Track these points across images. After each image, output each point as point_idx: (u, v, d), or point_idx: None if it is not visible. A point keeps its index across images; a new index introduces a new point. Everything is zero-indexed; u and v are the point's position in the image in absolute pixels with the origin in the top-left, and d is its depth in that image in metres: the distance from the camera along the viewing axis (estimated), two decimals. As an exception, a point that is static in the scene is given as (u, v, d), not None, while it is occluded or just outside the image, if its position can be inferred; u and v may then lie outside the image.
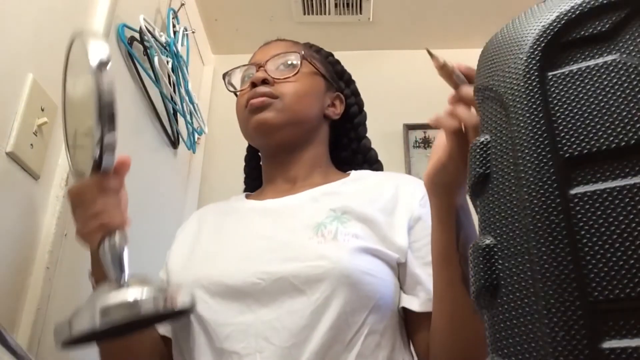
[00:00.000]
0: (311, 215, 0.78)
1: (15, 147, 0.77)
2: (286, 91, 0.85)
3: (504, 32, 0.43)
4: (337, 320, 0.67)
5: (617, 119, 0.34)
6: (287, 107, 0.84)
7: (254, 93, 0.85)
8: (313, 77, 0.91)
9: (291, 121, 0.85)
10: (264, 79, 0.86)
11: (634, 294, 0.30)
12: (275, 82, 0.86)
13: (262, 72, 0.87)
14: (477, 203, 0.40)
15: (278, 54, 0.90)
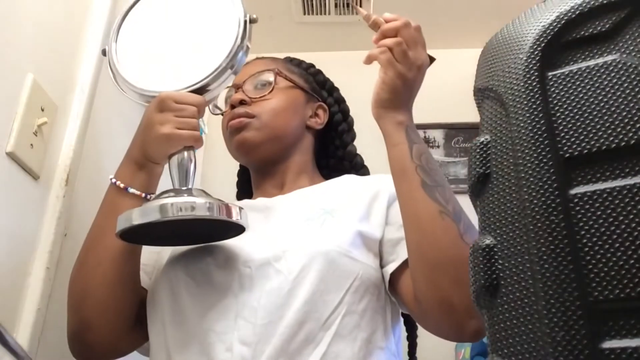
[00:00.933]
0: (302, 211, 0.81)
1: (15, 147, 0.77)
2: (262, 109, 0.89)
3: (504, 32, 0.43)
4: (312, 297, 0.69)
5: (617, 119, 0.34)
6: (265, 124, 0.88)
7: (232, 114, 0.89)
8: (289, 91, 0.94)
9: (270, 137, 0.89)
10: (241, 99, 0.89)
11: (634, 294, 0.30)
12: (253, 101, 0.90)
13: (240, 93, 0.90)
14: (477, 203, 0.40)
15: (254, 73, 0.93)
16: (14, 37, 0.80)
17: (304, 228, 0.77)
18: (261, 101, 0.89)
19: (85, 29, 1.03)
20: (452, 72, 1.94)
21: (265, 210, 0.85)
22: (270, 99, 0.90)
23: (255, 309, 0.70)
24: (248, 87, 0.92)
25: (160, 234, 0.71)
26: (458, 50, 2.01)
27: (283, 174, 0.92)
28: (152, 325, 0.77)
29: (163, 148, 0.73)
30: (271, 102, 0.90)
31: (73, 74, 0.98)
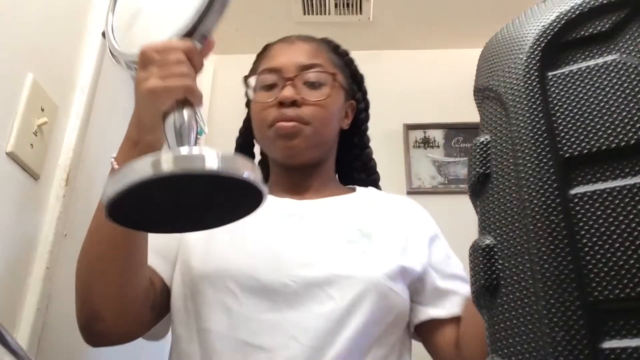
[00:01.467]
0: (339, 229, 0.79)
1: (15, 147, 0.77)
2: (314, 116, 0.83)
3: (504, 32, 0.43)
4: (361, 329, 0.70)
5: (617, 119, 0.34)
6: (315, 132, 0.83)
7: (284, 116, 0.82)
8: (338, 94, 0.89)
9: (316, 145, 0.85)
10: (294, 100, 0.82)
11: (634, 294, 0.30)
12: (304, 103, 0.83)
13: (291, 91, 0.82)
14: (477, 203, 0.40)
15: (306, 66, 0.85)
16: (14, 37, 0.80)
17: (347, 252, 0.76)
18: (313, 105, 0.83)
19: (85, 29, 1.03)
20: (452, 72, 1.94)
21: (296, 214, 0.82)
22: (323, 105, 0.84)
23: (305, 330, 0.69)
24: (298, 82, 0.84)
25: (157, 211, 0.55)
26: (458, 50, 2.02)
27: (309, 181, 0.89)
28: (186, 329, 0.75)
29: (151, 108, 0.60)
30: (324, 110, 0.84)
31: (73, 74, 0.98)
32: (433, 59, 2.02)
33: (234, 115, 2.04)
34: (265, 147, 0.90)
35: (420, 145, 1.88)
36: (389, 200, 0.89)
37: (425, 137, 1.88)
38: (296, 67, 0.85)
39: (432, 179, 1.83)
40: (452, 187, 1.82)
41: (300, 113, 0.82)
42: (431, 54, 2.03)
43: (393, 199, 0.91)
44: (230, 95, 2.30)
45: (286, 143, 0.82)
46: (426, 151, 1.87)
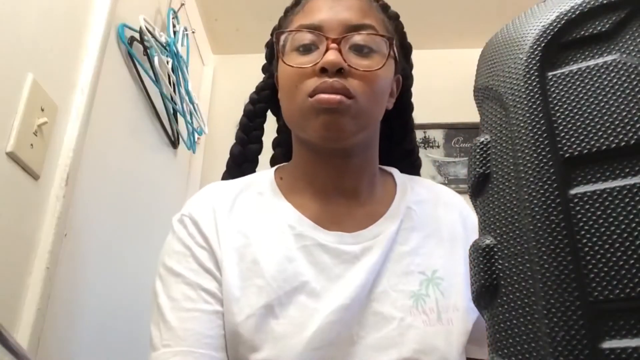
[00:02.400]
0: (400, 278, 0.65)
1: (15, 147, 0.77)
2: (364, 91, 0.66)
3: (503, 32, 0.43)
4: None
5: (617, 119, 0.34)
6: (362, 111, 0.67)
7: (329, 87, 0.64)
8: (389, 65, 0.71)
9: (363, 126, 0.68)
10: (341, 67, 0.65)
11: (634, 294, 0.30)
12: (352, 71, 0.66)
13: (336, 55, 0.65)
14: (477, 203, 0.40)
15: (355, 25, 0.68)
16: (14, 37, 0.80)
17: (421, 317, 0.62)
18: (362, 76, 0.66)
19: (85, 29, 1.03)
20: (452, 72, 1.94)
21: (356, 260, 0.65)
22: (374, 78, 0.67)
23: None
24: (344, 47, 0.67)
25: None
26: (458, 50, 2.01)
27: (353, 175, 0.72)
28: None
29: None
30: (375, 84, 0.67)
31: (73, 74, 0.98)
32: (433, 59, 2.02)
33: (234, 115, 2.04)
34: (297, 124, 0.70)
35: (420, 145, 1.88)
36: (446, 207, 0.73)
37: (425, 137, 1.88)
38: (343, 26, 0.67)
39: (432, 179, 1.83)
40: (452, 187, 1.82)
41: (347, 84, 0.65)
42: (431, 54, 2.03)
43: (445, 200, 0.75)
44: (230, 95, 2.30)
45: (329, 118, 0.65)
46: (426, 151, 1.87)
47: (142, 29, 1.24)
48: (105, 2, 1.07)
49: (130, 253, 1.27)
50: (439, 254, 0.67)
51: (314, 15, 0.69)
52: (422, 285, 0.64)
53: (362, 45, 0.68)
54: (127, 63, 1.24)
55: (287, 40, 0.70)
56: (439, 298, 0.63)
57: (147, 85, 1.33)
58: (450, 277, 0.65)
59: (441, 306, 0.62)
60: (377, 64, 0.67)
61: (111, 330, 1.15)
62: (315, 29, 0.68)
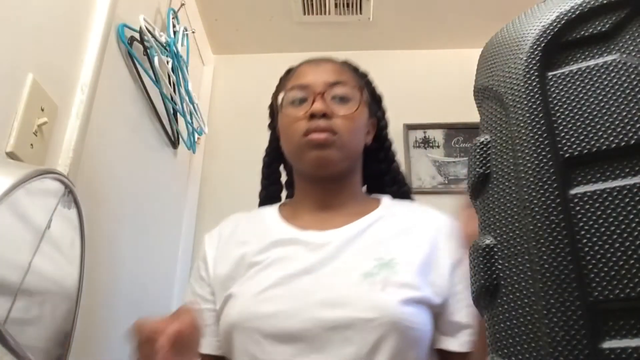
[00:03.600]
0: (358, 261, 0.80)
1: (15, 147, 0.77)
2: (344, 128, 0.87)
3: (503, 32, 0.43)
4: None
5: (617, 119, 0.34)
6: (345, 144, 0.87)
7: (317, 126, 0.86)
8: (363, 109, 0.93)
9: (346, 157, 0.89)
10: (325, 112, 0.86)
11: (634, 294, 0.30)
12: (334, 115, 0.87)
13: (322, 104, 0.87)
14: (477, 203, 0.40)
15: (333, 83, 0.90)
16: (14, 37, 0.80)
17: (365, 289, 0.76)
18: (342, 118, 0.88)
19: (85, 29, 1.03)
20: (452, 72, 1.94)
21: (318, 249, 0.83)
22: (351, 118, 0.89)
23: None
24: (328, 97, 0.89)
25: None
26: (458, 50, 2.01)
27: (337, 195, 0.92)
28: None
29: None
30: (352, 123, 0.89)
31: (73, 74, 0.98)
32: (433, 59, 2.02)
33: (234, 115, 2.04)
34: (296, 158, 0.92)
35: (420, 145, 1.88)
36: (416, 216, 0.90)
37: (425, 137, 1.88)
38: (325, 83, 0.90)
39: (432, 179, 1.83)
40: (452, 187, 1.82)
41: (330, 124, 0.86)
42: (431, 54, 2.03)
43: (420, 214, 0.91)
44: (230, 95, 2.30)
45: (319, 153, 0.86)
46: (426, 151, 1.87)
47: (142, 29, 1.25)
48: (105, 2, 1.07)
49: (130, 253, 1.27)
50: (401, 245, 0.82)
51: (303, 78, 0.92)
52: (376, 267, 0.78)
53: (340, 96, 0.90)
54: (127, 63, 1.24)
55: (284, 98, 0.93)
56: (388, 276, 0.76)
57: (147, 85, 1.33)
58: (405, 263, 0.79)
59: (387, 281, 0.76)
60: (353, 107, 0.89)
61: (110, 330, 1.15)
62: (304, 87, 0.91)
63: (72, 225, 0.67)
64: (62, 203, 0.64)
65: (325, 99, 0.88)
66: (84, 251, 0.70)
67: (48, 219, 0.61)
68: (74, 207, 0.67)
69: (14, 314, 0.53)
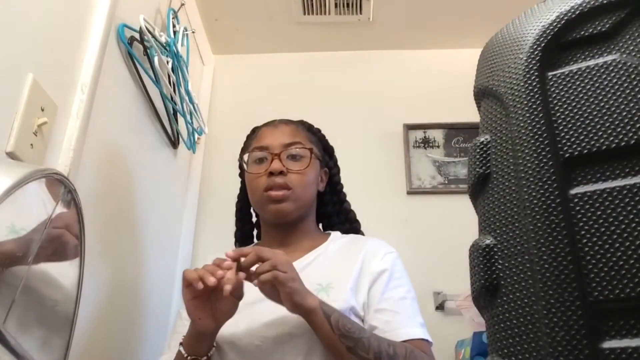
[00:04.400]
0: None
1: (15, 147, 0.77)
2: (298, 183, 1.05)
3: (504, 32, 0.43)
4: None
5: (617, 119, 0.34)
6: (298, 196, 1.05)
7: (274, 184, 1.04)
8: (314, 164, 1.10)
9: (300, 206, 1.07)
10: (281, 170, 1.04)
11: (634, 294, 0.30)
12: (288, 172, 1.05)
13: (278, 163, 1.05)
14: (477, 203, 0.40)
15: (288, 144, 1.08)
16: (14, 37, 0.80)
17: None
18: (296, 174, 1.05)
19: (85, 29, 1.03)
20: (452, 72, 1.94)
21: None
22: (303, 173, 1.06)
23: None
24: (283, 157, 1.06)
25: None
26: (458, 50, 2.01)
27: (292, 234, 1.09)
28: None
29: None
30: (304, 177, 1.06)
31: (73, 74, 0.98)
32: (433, 59, 2.02)
33: (234, 115, 2.04)
34: (258, 209, 1.12)
35: (420, 145, 1.88)
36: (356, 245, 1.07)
37: (425, 137, 1.88)
38: (280, 145, 1.07)
39: (432, 179, 1.83)
40: (452, 187, 1.81)
41: (286, 180, 1.04)
42: (431, 54, 2.03)
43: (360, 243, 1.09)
44: (230, 95, 2.30)
45: (277, 206, 1.04)
46: (426, 151, 1.87)
47: (142, 29, 1.25)
48: (105, 2, 1.06)
49: (130, 253, 1.27)
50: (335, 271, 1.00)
51: (262, 140, 1.11)
52: (315, 291, 0.90)
53: (294, 155, 1.08)
54: (127, 63, 1.24)
55: (249, 157, 1.13)
56: (324, 299, 0.89)
57: (147, 85, 1.33)
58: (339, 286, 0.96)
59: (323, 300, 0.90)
60: (304, 165, 1.07)
61: (107, 330, 1.15)
62: (263, 148, 1.09)
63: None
64: (61, 203, 0.64)
65: (281, 158, 1.06)
66: (83, 251, 0.70)
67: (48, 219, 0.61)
68: (73, 207, 0.67)
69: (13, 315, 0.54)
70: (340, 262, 1.03)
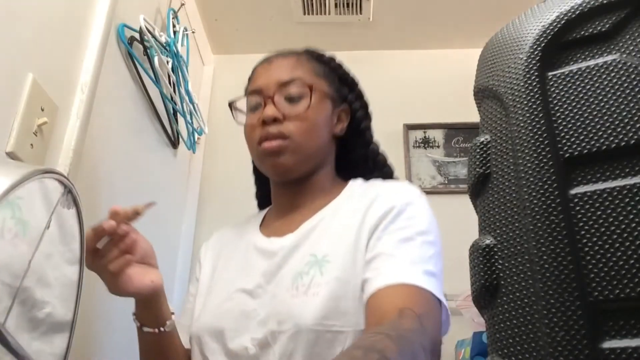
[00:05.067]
0: (296, 260, 0.78)
1: (15, 147, 0.77)
2: (297, 130, 0.84)
3: (504, 32, 0.43)
4: None
5: (617, 119, 0.34)
6: (299, 146, 0.84)
7: (267, 134, 0.83)
8: (321, 103, 0.88)
9: (304, 158, 0.85)
10: (275, 117, 0.83)
11: (634, 294, 0.30)
12: (285, 117, 0.84)
13: (272, 109, 0.84)
14: (477, 203, 0.40)
15: (285, 82, 0.86)
16: (14, 37, 0.80)
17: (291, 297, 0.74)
18: (294, 119, 0.84)
19: (85, 29, 1.03)
20: (452, 72, 1.94)
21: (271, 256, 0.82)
22: (304, 117, 0.84)
23: None
24: (278, 99, 0.85)
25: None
26: (458, 50, 2.01)
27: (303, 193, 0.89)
28: None
29: None
30: (306, 123, 0.85)
31: (73, 74, 0.98)
32: (433, 59, 2.02)
33: (234, 115, 2.03)
34: (258, 166, 0.92)
35: (420, 145, 1.88)
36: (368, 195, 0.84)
37: (425, 137, 1.88)
38: (275, 84, 0.86)
39: (432, 179, 1.83)
40: (452, 187, 1.81)
41: (282, 129, 0.83)
42: (431, 54, 2.03)
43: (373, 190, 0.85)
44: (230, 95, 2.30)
45: (273, 161, 0.84)
46: (426, 151, 1.87)
47: (142, 29, 1.25)
48: (105, 2, 1.07)
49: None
50: (333, 241, 0.78)
51: (256, 81, 0.90)
52: (308, 265, 0.76)
53: (293, 95, 0.86)
54: (127, 63, 1.24)
55: (247, 104, 0.92)
56: (316, 275, 0.74)
57: (147, 85, 1.33)
58: (336, 259, 0.75)
59: (314, 283, 0.73)
60: (305, 107, 0.85)
61: (109, 331, 1.15)
62: (256, 91, 0.88)
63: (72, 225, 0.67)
64: (61, 203, 0.64)
65: (276, 102, 0.85)
66: (83, 251, 0.70)
67: (47, 219, 0.61)
68: (73, 206, 0.67)
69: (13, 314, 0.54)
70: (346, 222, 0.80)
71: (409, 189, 0.83)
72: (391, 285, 0.68)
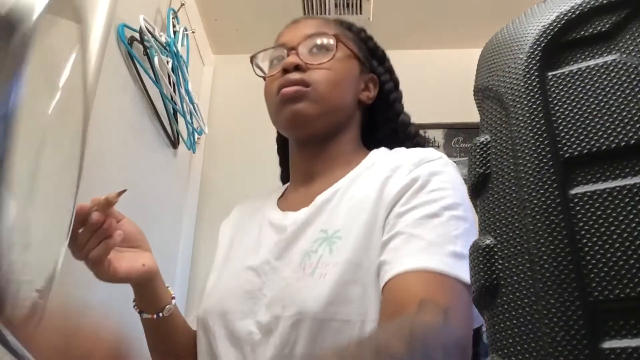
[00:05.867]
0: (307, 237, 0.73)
1: (15, 147, 0.77)
2: (320, 79, 0.79)
3: (503, 32, 0.43)
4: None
5: (617, 119, 0.34)
6: (321, 96, 0.78)
7: (286, 81, 0.79)
8: (347, 60, 0.85)
9: (325, 111, 0.79)
10: (297, 64, 0.79)
11: (634, 294, 0.30)
12: (308, 67, 0.80)
13: (294, 57, 0.80)
14: (477, 203, 0.40)
15: (310, 34, 0.83)
16: (14, 37, 0.80)
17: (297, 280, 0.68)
18: (318, 69, 0.80)
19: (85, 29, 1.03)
20: (452, 72, 1.94)
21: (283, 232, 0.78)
22: (328, 68, 0.80)
23: None
24: (303, 50, 0.81)
25: None
26: (458, 50, 2.02)
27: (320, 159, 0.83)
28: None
29: None
30: (329, 73, 0.80)
31: (73, 74, 0.98)
32: (433, 59, 2.02)
33: (234, 115, 2.04)
34: (275, 122, 0.85)
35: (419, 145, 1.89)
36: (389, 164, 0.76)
37: (425, 137, 1.88)
38: (300, 37, 0.83)
39: (432, 179, 1.84)
40: (452, 187, 1.82)
41: (304, 76, 0.79)
42: (431, 54, 2.03)
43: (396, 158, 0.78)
44: (230, 95, 2.30)
45: (291, 108, 0.78)
46: (426, 151, 1.88)
47: (142, 29, 1.25)
48: (105, 2, 1.07)
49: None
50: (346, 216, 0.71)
51: (281, 38, 0.87)
52: (317, 243, 0.70)
53: (318, 46, 0.82)
54: (127, 63, 1.24)
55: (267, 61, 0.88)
56: (324, 254, 0.67)
57: (147, 85, 1.33)
58: (348, 236, 0.68)
59: (322, 262, 0.67)
60: (330, 56, 0.81)
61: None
62: (281, 45, 0.85)
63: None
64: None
65: (299, 52, 0.81)
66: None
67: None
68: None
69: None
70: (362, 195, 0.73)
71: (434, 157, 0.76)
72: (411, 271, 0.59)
